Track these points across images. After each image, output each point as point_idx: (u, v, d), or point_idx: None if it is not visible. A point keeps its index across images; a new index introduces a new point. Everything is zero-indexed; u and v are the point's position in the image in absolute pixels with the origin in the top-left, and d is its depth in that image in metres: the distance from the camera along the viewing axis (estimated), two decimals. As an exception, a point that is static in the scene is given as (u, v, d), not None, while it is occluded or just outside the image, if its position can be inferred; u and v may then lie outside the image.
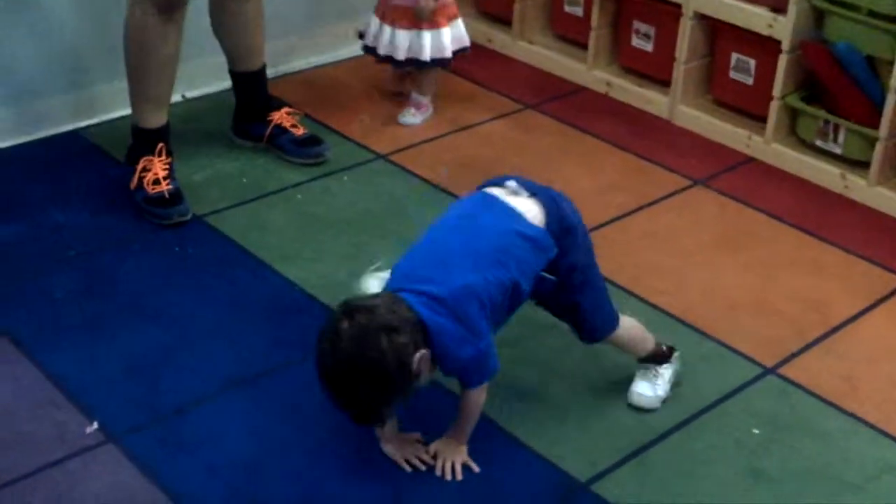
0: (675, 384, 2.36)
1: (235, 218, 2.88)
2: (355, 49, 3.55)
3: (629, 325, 2.30)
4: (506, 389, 2.32)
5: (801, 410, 2.35)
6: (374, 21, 3.29)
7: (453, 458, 2.15)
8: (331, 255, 2.76)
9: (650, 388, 2.33)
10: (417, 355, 1.96)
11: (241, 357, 2.41)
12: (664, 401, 2.33)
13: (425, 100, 3.37)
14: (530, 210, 2.14)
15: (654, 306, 2.62)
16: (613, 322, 2.25)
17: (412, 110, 3.36)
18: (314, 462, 2.15)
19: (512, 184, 2.17)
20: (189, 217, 2.85)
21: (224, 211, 2.91)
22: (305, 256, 2.75)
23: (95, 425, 2.20)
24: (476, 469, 2.14)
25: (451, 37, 3.30)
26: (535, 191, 2.18)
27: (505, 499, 2.10)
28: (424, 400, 2.16)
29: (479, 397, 2.12)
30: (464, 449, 2.17)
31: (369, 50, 3.34)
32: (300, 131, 3.14)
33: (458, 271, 2.03)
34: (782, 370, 2.46)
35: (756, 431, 2.29)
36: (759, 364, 2.47)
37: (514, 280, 2.06)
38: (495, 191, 2.19)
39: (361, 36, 3.38)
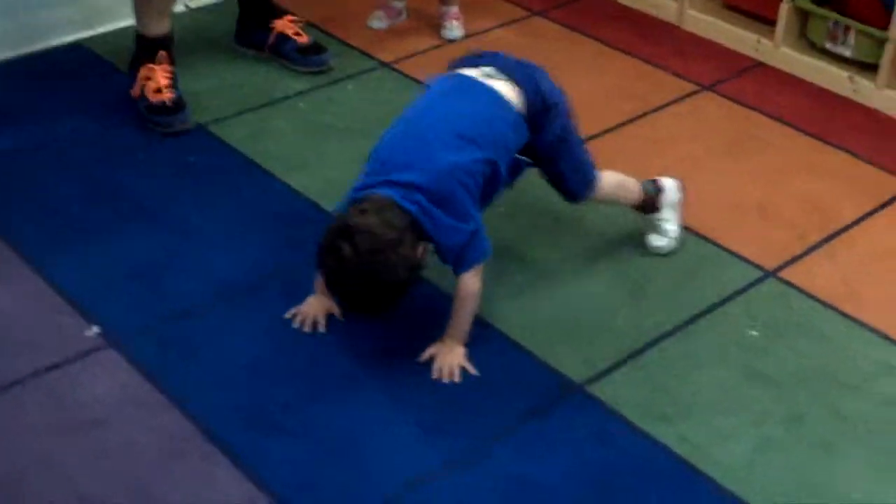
0: (673, 286, 2.37)
1: (239, 126, 2.88)
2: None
3: (610, 179, 2.38)
4: (500, 288, 2.33)
5: (801, 313, 2.35)
6: None
7: (451, 361, 2.16)
8: (335, 163, 2.75)
9: (659, 238, 2.46)
10: (420, 249, 2.03)
11: (244, 263, 2.42)
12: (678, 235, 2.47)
13: (456, 9, 3.32)
14: (508, 93, 2.16)
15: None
16: (593, 180, 2.33)
17: (454, 22, 3.30)
18: (314, 365, 2.17)
19: (487, 68, 2.16)
20: (191, 125, 2.84)
21: (227, 119, 2.90)
22: (309, 164, 2.75)
23: (96, 329, 2.22)
24: (473, 371, 2.16)
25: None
26: (512, 70, 2.18)
27: (500, 400, 2.12)
28: (420, 302, 2.18)
29: (473, 285, 2.13)
30: (461, 351, 2.18)
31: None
32: (303, 39, 3.11)
33: (439, 154, 2.05)
34: (783, 273, 2.45)
35: (754, 333, 2.29)
36: (759, 267, 2.47)
37: (493, 161, 2.07)
38: (472, 72, 2.18)
39: None
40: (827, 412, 2.12)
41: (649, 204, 2.45)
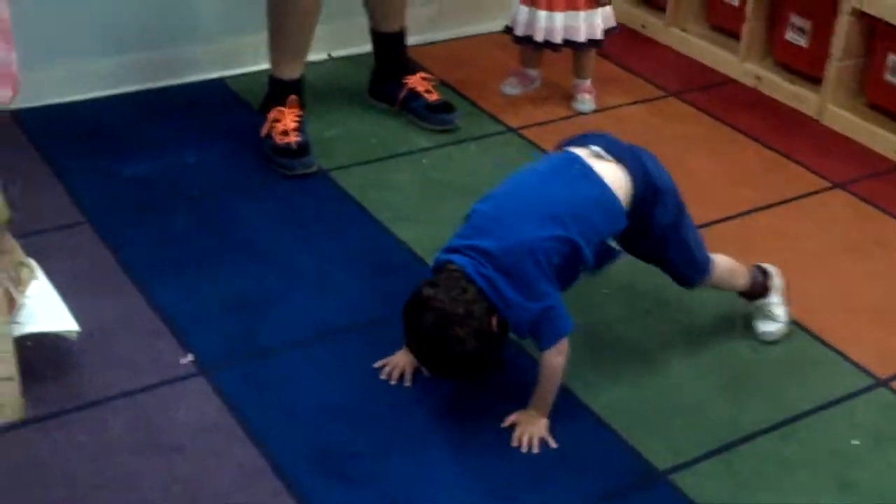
0: (776, 384, 2.28)
1: (359, 176, 2.91)
2: (499, 24, 3.52)
3: (722, 264, 2.33)
4: (595, 366, 2.29)
5: (909, 427, 2.24)
6: (523, 9, 3.20)
7: (531, 431, 2.12)
8: (446, 220, 2.72)
9: (770, 322, 2.39)
10: (494, 320, 2.02)
11: (340, 308, 2.44)
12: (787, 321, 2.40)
13: (589, 83, 3.32)
14: (613, 175, 2.14)
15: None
16: (705, 270, 2.29)
17: (586, 96, 3.30)
18: (393, 417, 2.15)
19: (596, 148, 2.14)
20: (314, 170, 2.89)
21: (349, 168, 2.94)
22: (421, 219, 2.76)
23: (190, 357, 2.25)
24: (553, 445, 2.11)
25: (601, 17, 3.23)
26: (621, 154, 2.15)
27: (577, 478, 2.06)
28: (509, 368, 2.15)
29: (554, 361, 2.10)
30: (544, 423, 2.14)
31: (509, 30, 3.27)
32: (434, 97, 3.14)
33: (520, 227, 2.03)
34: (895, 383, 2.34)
35: (855, 443, 2.18)
36: (870, 374, 2.35)
37: (573, 241, 2.04)
38: (580, 152, 2.17)
39: (509, 30, 3.27)
40: (922, 535, 2.00)
41: (758, 289, 2.39)
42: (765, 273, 2.40)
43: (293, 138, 2.89)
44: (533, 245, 2.04)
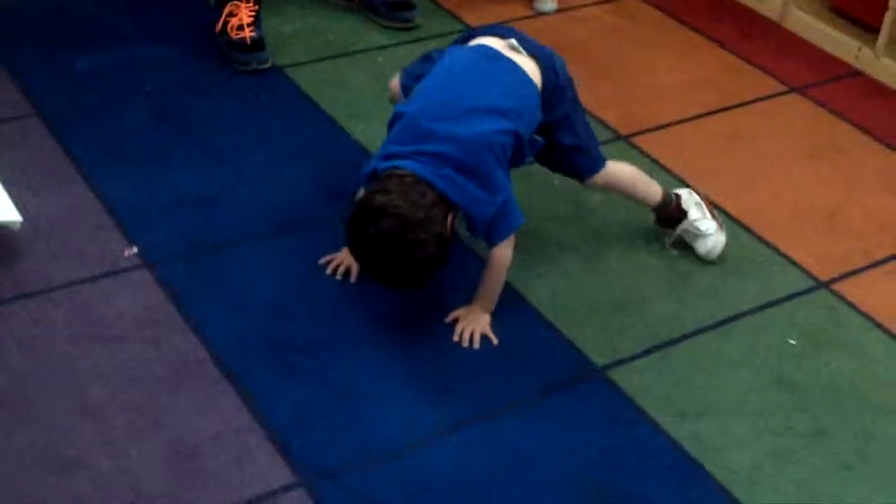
0: (719, 283, 2.31)
1: (314, 73, 2.89)
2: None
3: (621, 169, 2.33)
4: (538, 264, 2.30)
5: (847, 328, 2.26)
6: None
7: (473, 327, 2.14)
8: (399, 119, 2.74)
9: (702, 239, 2.35)
10: (449, 221, 2.01)
11: (290, 205, 2.43)
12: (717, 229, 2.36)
13: None
14: (532, 70, 2.15)
15: (715, 205, 2.53)
16: (597, 163, 2.29)
17: None
18: (337, 312, 2.17)
19: (513, 41, 2.14)
20: (268, 65, 2.86)
21: (304, 65, 2.92)
22: (374, 117, 2.73)
23: (135, 249, 2.26)
24: (495, 341, 2.13)
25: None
26: (532, 49, 2.17)
27: (517, 372, 2.09)
28: (452, 264, 2.16)
29: (504, 255, 2.10)
30: (486, 318, 2.15)
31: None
32: (394, -7, 3.11)
33: (469, 124, 2.02)
34: (836, 286, 2.36)
35: (792, 342, 2.21)
36: (812, 276, 2.38)
37: (519, 135, 2.05)
38: (497, 44, 2.16)
39: None
40: (853, 432, 2.03)
41: (674, 212, 2.37)
42: (677, 196, 2.38)
43: (248, 33, 2.86)
44: (491, 139, 2.03)
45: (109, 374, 1.98)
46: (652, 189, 2.36)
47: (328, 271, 2.25)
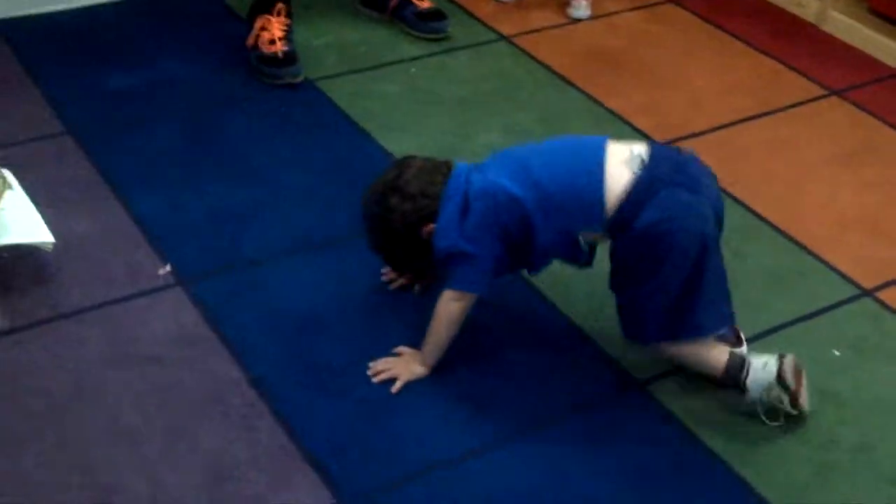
0: (761, 294, 2.25)
1: (346, 85, 2.87)
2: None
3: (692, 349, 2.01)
4: (577, 279, 2.26)
5: (892, 337, 2.21)
6: None
7: (397, 372, 2.02)
8: (432, 131, 2.72)
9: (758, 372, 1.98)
10: (427, 228, 2.00)
11: (324, 220, 2.41)
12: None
13: None
14: (619, 178, 1.92)
15: (757, 215, 2.49)
16: (645, 339, 2.02)
17: (582, 2, 3.22)
18: (372, 329, 2.14)
19: (638, 148, 1.96)
20: (300, 79, 2.85)
21: (336, 77, 2.90)
22: (407, 129, 2.72)
23: (168, 268, 2.24)
24: (394, 391, 2.00)
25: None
26: (660, 158, 1.95)
27: (556, 387, 2.05)
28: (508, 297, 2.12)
29: (446, 309, 1.99)
30: (417, 371, 2.03)
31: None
32: (425, 4, 3.08)
33: (500, 172, 1.98)
34: (881, 294, 2.31)
35: (837, 353, 2.16)
36: (856, 285, 2.33)
37: (527, 212, 1.94)
38: (615, 148, 1.97)
39: None
40: (902, 446, 1.99)
41: (735, 372, 2.00)
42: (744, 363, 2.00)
43: (280, 47, 2.84)
44: (498, 194, 1.95)
45: (144, 397, 1.96)
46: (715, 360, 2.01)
47: (391, 287, 2.23)
